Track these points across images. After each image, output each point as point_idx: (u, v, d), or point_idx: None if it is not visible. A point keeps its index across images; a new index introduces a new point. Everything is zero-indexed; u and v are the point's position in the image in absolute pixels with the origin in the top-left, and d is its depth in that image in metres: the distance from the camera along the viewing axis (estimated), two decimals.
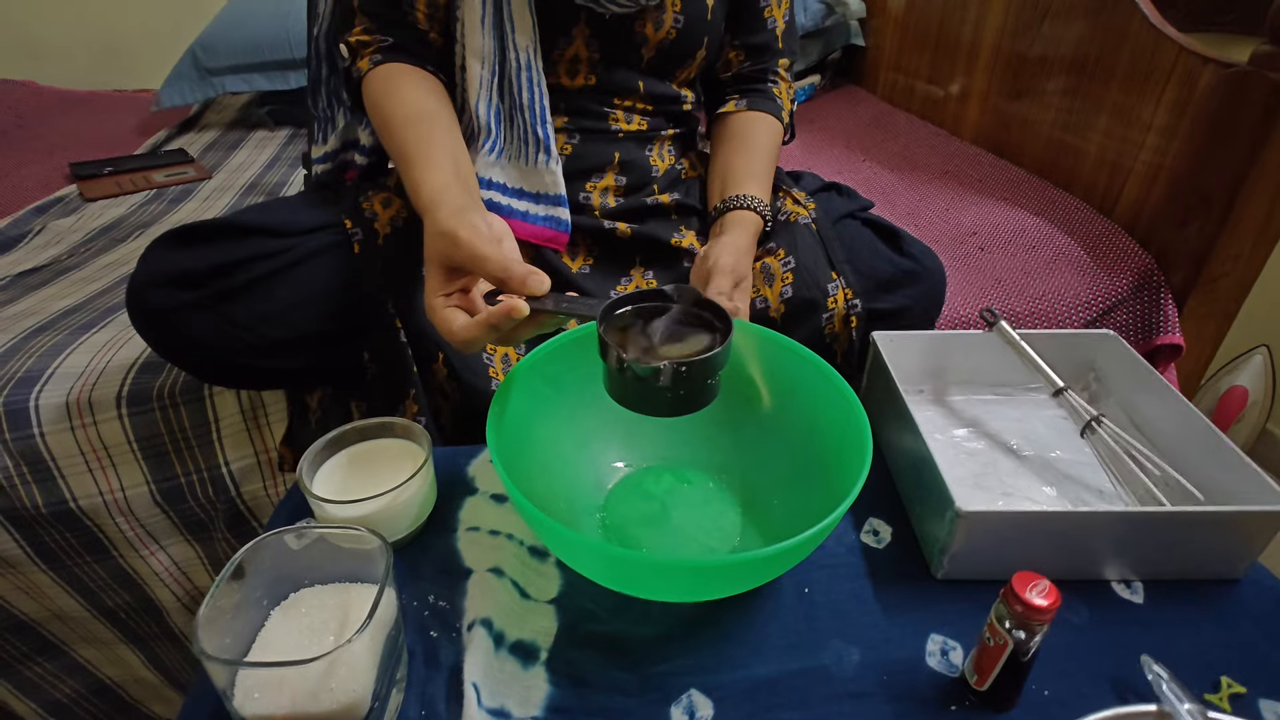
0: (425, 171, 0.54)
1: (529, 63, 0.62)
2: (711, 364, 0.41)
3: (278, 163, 1.33)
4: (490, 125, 0.64)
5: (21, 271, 0.90)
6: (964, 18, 1.22)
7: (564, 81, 0.67)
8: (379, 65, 0.63)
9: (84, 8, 1.74)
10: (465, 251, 0.46)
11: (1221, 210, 0.72)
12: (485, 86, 0.63)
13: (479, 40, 0.61)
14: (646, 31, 0.65)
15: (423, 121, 0.59)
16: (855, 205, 0.74)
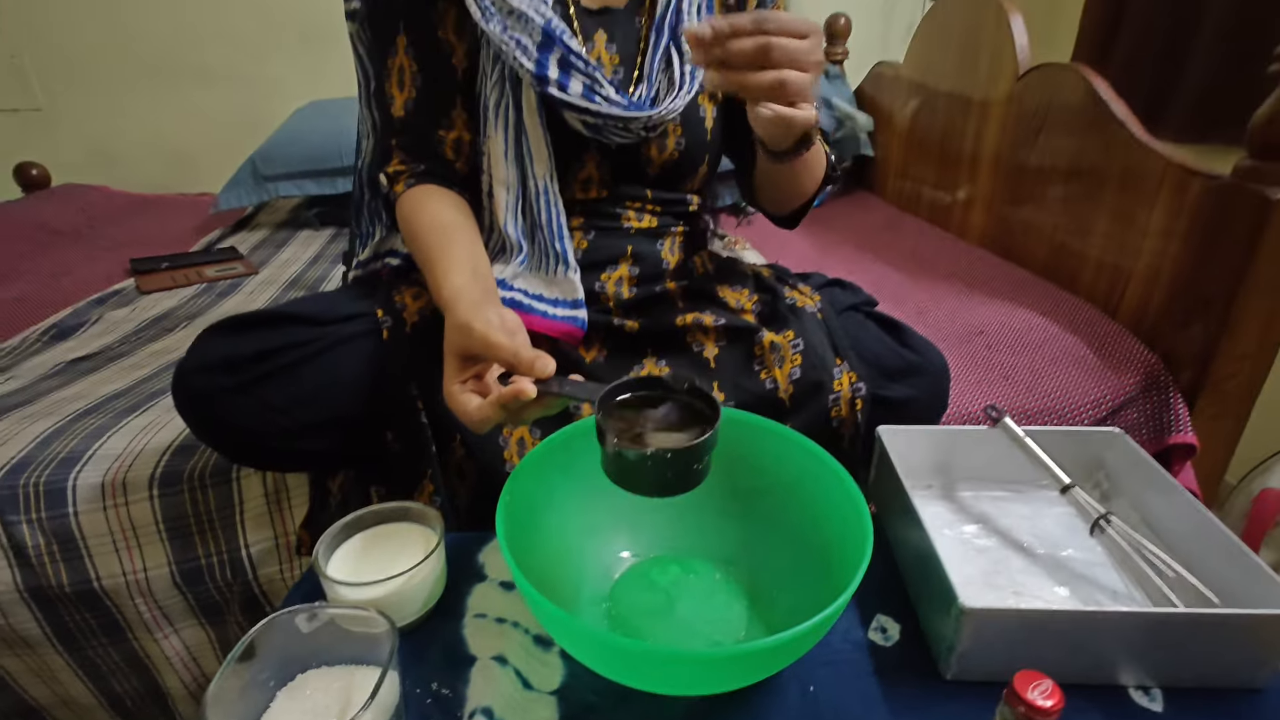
0: (446, 273, 0.59)
1: (546, 188, 0.68)
2: (697, 450, 0.44)
3: (320, 259, 1.42)
4: (519, 242, 0.70)
5: (75, 358, 0.96)
6: (965, 131, 1.30)
7: (579, 195, 0.73)
8: (412, 188, 0.70)
9: (158, 122, 1.92)
10: (479, 340, 0.50)
11: (1221, 313, 0.74)
12: (510, 210, 0.69)
13: (503, 171, 0.68)
14: (651, 154, 0.71)
15: (445, 230, 0.65)
16: (859, 299, 0.77)
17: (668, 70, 0.71)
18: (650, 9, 0.71)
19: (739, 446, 0.56)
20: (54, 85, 1.85)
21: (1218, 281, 0.74)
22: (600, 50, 0.70)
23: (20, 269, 1.33)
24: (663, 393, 0.50)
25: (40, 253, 1.42)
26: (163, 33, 1.82)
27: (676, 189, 0.76)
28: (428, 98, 0.70)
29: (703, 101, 0.73)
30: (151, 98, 1.89)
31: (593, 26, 0.70)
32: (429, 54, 0.69)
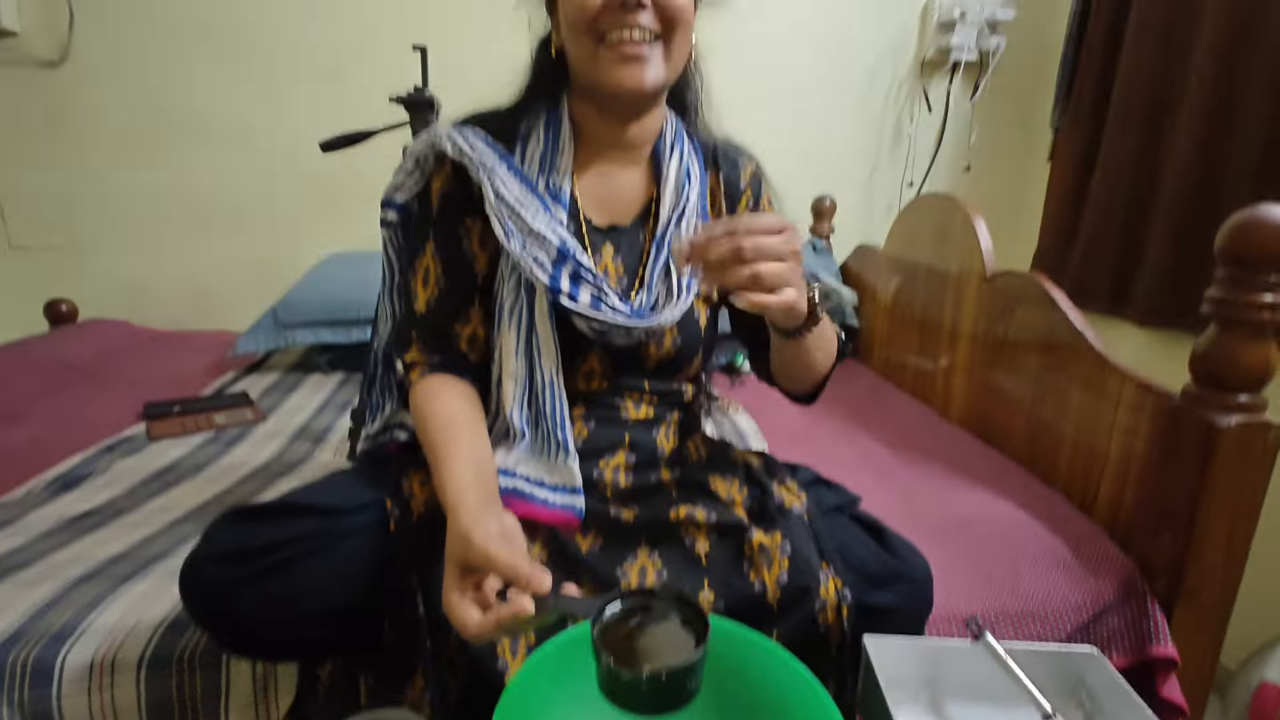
0: (450, 472, 0.64)
1: (552, 381, 0.74)
2: (689, 670, 0.46)
3: (327, 407, 1.47)
4: (522, 429, 0.75)
5: (78, 514, 0.98)
6: (943, 305, 1.40)
7: (581, 386, 0.78)
8: (426, 377, 0.76)
9: (187, 262, 2.04)
10: (478, 554, 0.54)
11: (1186, 527, 0.78)
12: (517, 400, 0.75)
13: (513, 365, 0.74)
14: (650, 352, 0.78)
15: (453, 427, 0.70)
16: (843, 499, 0.81)
17: (666, 280, 0.80)
18: (652, 226, 0.80)
19: (728, 660, 0.58)
20: (93, 224, 1.98)
21: (1179, 497, 0.79)
22: (607, 261, 0.79)
23: (36, 409, 1.37)
24: (655, 606, 0.53)
25: (57, 391, 1.47)
26: (202, 182, 1.98)
27: (672, 380, 0.82)
28: (448, 297, 0.77)
29: (697, 304, 0.81)
30: (183, 239, 2.02)
31: (601, 241, 0.79)
32: (454, 260, 0.77)
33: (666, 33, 0.69)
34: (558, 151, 0.77)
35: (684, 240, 0.59)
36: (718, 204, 0.84)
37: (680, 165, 0.80)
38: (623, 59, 0.68)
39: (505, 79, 0.82)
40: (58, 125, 1.91)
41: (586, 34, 0.69)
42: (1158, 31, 1.55)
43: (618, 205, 0.80)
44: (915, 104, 2.07)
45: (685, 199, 0.79)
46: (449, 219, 0.77)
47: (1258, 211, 0.70)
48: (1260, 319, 0.72)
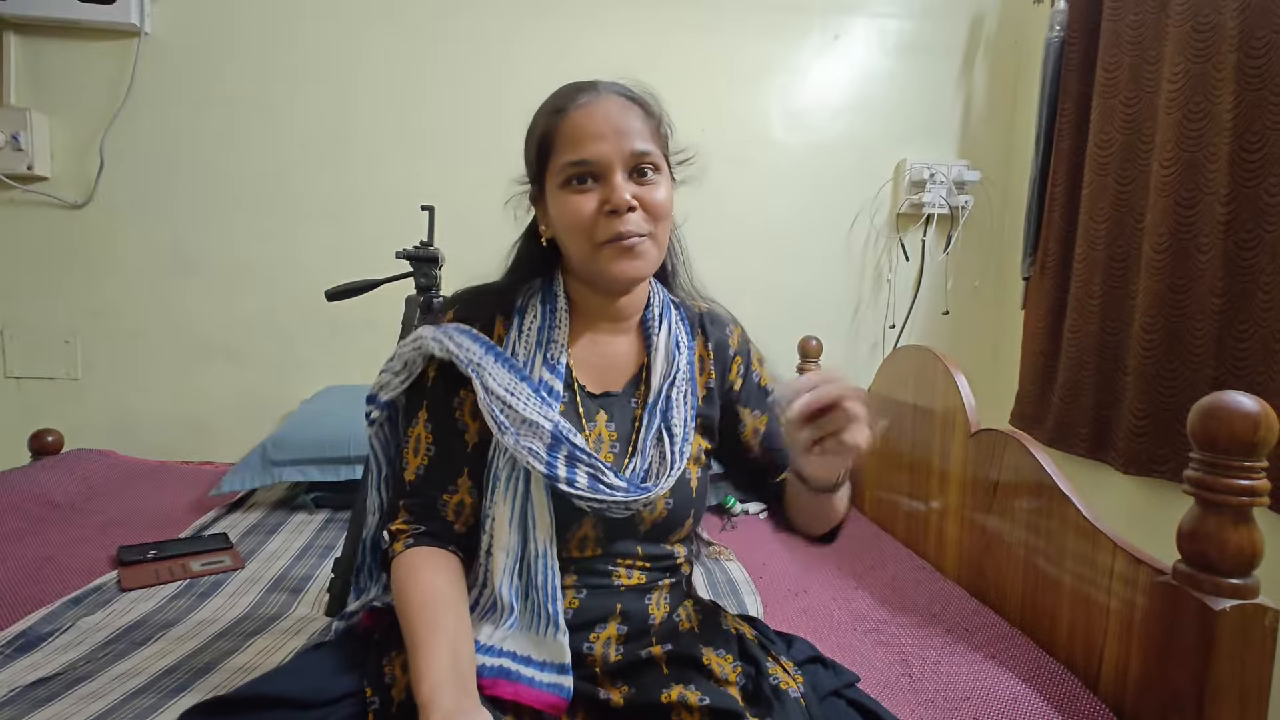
0: (427, 663, 0.63)
1: (545, 551, 0.74)
2: None
3: (309, 551, 1.43)
4: (511, 603, 0.73)
5: (33, 681, 0.92)
6: (931, 447, 1.41)
7: (574, 554, 0.78)
8: (410, 548, 0.75)
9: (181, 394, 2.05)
10: None
11: (1194, 711, 0.75)
12: (507, 572, 0.74)
13: (505, 536, 0.74)
14: (643, 516, 0.78)
15: (432, 607, 0.69)
16: (840, 682, 0.78)
17: (659, 446, 0.81)
18: (643, 395, 0.83)
19: None
20: (93, 357, 2.01)
21: (1183, 680, 0.77)
22: (601, 428, 0.81)
23: (5, 552, 1.32)
24: None
25: (30, 531, 1.43)
26: (206, 316, 2.04)
27: (664, 542, 0.82)
28: (438, 466, 0.79)
29: (689, 466, 0.82)
30: (181, 371, 2.04)
31: (595, 408, 0.81)
32: (446, 430, 0.79)
33: (654, 225, 0.76)
34: (555, 325, 0.81)
35: (795, 408, 0.63)
36: (706, 369, 0.88)
37: (669, 335, 0.85)
38: (620, 253, 0.74)
39: (505, 227, 0.88)
40: (74, 263, 1.99)
41: (583, 237, 0.75)
42: (1112, 191, 1.68)
43: (610, 373, 0.84)
44: (893, 253, 2.20)
45: (675, 367, 0.83)
46: (442, 392, 0.80)
47: (1224, 399, 0.74)
48: (1240, 501, 0.74)
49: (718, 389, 0.88)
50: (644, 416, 0.81)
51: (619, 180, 0.73)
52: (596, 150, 0.73)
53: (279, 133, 2.02)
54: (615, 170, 0.73)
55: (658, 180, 0.76)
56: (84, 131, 1.95)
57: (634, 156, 0.74)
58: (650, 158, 0.75)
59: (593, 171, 0.74)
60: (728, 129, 2.10)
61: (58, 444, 1.86)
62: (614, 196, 0.72)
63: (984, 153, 2.16)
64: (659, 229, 0.77)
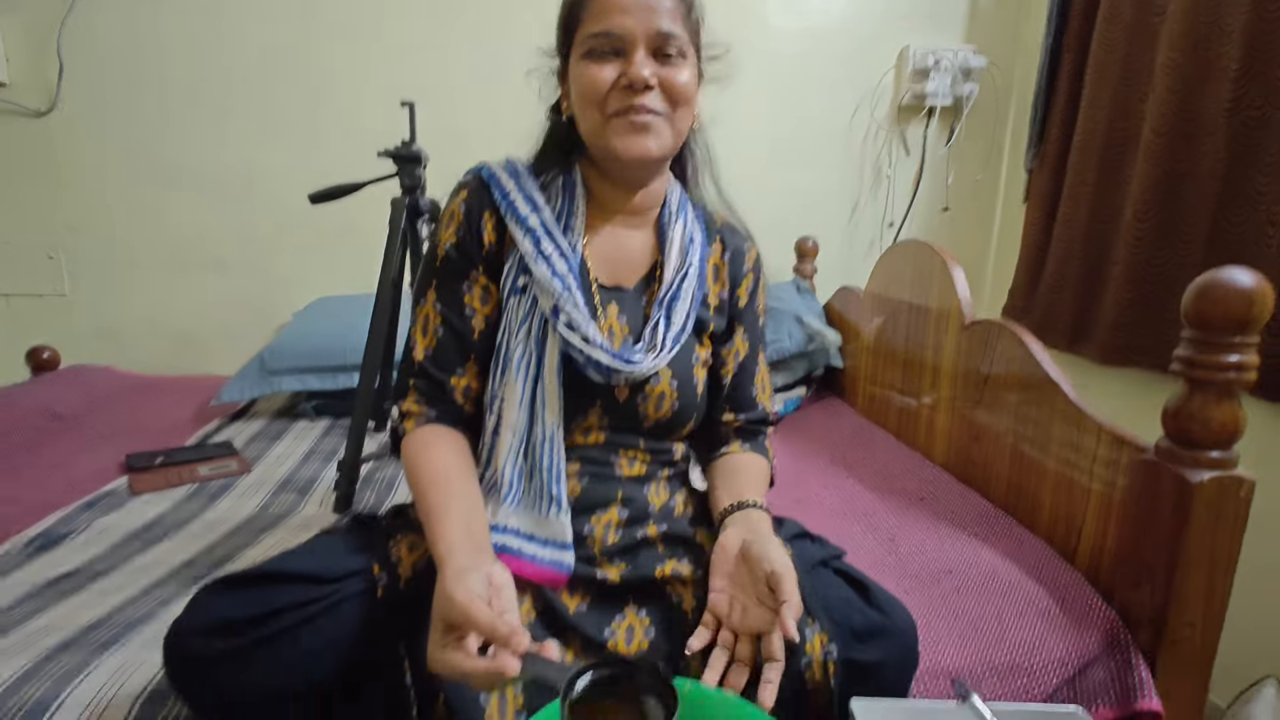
0: (442, 528, 0.65)
1: (552, 435, 0.76)
2: None
3: (313, 456, 1.46)
4: (512, 481, 0.76)
5: (56, 577, 0.96)
6: (925, 344, 1.42)
7: (578, 440, 0.80)
8: (421, 427, 0.77)
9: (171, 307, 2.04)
10: (459, 611, 0.55)
11: (1165, 580, 0.79)
12: (512, 451, 0.76)
13: (514, 416, 0.75)
14: (648, 412, 0.80)
15: (446, 482, 0.71)
16: (828, 553, 0.82)
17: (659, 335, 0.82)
18: (655, 292, 0.82)
19: None
20: (80, 272, 1.98)
21: (1156, 550, 0.80)
22: (612, 321, 0.81)
23: (17, 461, 1.35)
24: (626, 676, 0.53)
25: (39, 441, 1.46)
26: (191, 227, 1.99)
27: (666, 439, 0.84)
28: (446, 349, 0.79)
29: (697, 371, 0.83)
30: (168, 285, 2.01)
31: (606, 300, 0.81)
32: (454, 313, 0.80)
33: (671, 109, 0.75)
34: (572, 213, 0.80)
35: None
36: (721, 278, 0.88)
37: (684, 232, 0.84)
38: (631, 128, 0.73)
39: (489, 130, 0.84)
40: (46, 174, 1.92)
41: (595, 108, 0.73)
42: (1116, 73, 1.61)
43: (623, 267, 0.83)
44: (893, 148, 2.13)
45: (689, 263, 0.82)
46: (452, 274, 0.80)
47: (1220, 275, 0.73)
48: (1227, 379, 0.74)
49: (728, 300, 0.88)
50: (655, 312, 0.81)
51: (640, 57, 0.71)
52: (621, 23, 0.71)
53: (245, 30, 1.90)
54: (638, 46, 0.72)
55: (681, 65, 0.74)
56: (37, 32, 1.84)
57: (659, 36, 0.72)
58: (676, 41, 0.73)
59: (615, 45, 0.72)
60: (717, 12, 1.98)
61: (55, 360, 1.86)
62: (631, 71, 0.71)
63: (992, 36, 2.05)
64: (677, 115, 0.75)
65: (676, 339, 0.80)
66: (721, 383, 0.89)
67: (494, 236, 0.80)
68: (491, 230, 0.80)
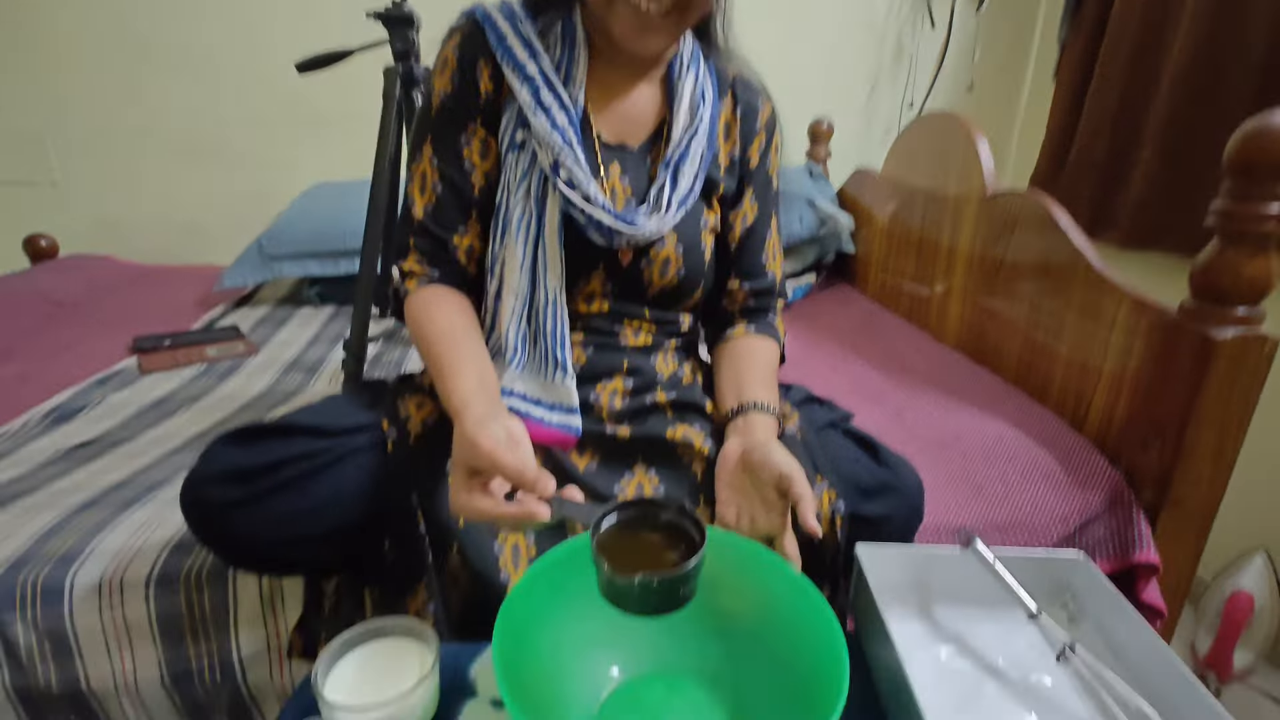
0: (455, 381, 0.64)
1: (555, 299, 0.74)
2: (684, 576, 0.47)
3: (319, 339, 1.46)
4: (517, 346, 0.74)
5: (76, 445, 0.98)
6: (941, 228, 1.38)
7: (581, 308, 0.78)
8: (424, 287, 0.75)
9: (169, 196, 1.99)
10: (485, 458, 0.55)
11: (1175, 439, 0.79)
12: (515, 315, 0.74)
13: (516, 279, 0.73)
14: (652, 278, 0.77)
15: (455, 338, 0.70)
16: (836, 415, 0.82)
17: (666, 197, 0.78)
18: (661, 151, 0.78)
19: (725, 570, 0.59)
20: (70, 159, 1.92)
21: (1169, 410, 0.79)
22: (615, 181, 0.77)
23: (24, 345, 1.35)
24: (654, 514, 0.54)
25: (44, 327, 1.45)
26: (182, 112, 1.91)
27: (672, 309, 0.82)
28: (446, 206, 0.76)
29: (704, 237, 0.80)
30: (164, 172, 1.96)
31: (610, 159, 0.77)
32: (452, 168, 0.75)
33: (680, 9, 0.67)
34: (573, 61, 0.74)
35: None
36: (732, 136, 0.82)
37: (695, 87, 0.78)
38: (634, 17, 0.66)
39: None
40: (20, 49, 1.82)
41: None
42: None
43: (627, 124, 0.78)
44: (918, 19, 1.99)
45: (699, 120, 0.77)
46: (448, 124, 0.75)
47: (1271, 119, 0.68)
48: (1264, 230, 0.71)
49: (739, 160, 0.83)
50: (660, 174, 0.76)
51: None
52: None
53: None
54: None
55: None
56: None
57: None
58: None
59: None
60: None
61: (53, 249, 1.84)
62: None
63: None
64: (689, 14, 0.68)
65: (683, 202, 0.77)
66: (729, 249, 0.85)
67: (491, 85, 0.75)
68: (488, 79, 0.74)
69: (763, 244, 0.85)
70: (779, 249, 0.88)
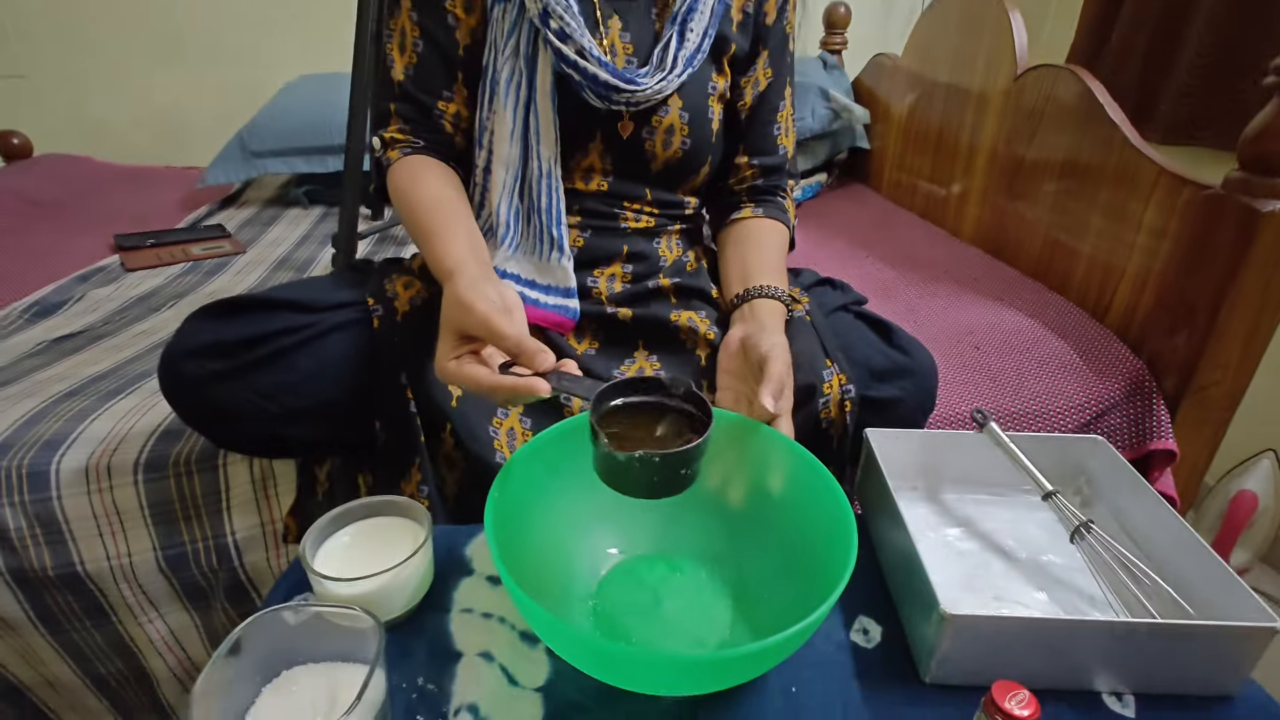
0: (445, 245, 0.59)
1: (549, 171, 0.68)
2: (686, 456, 0.44)
3: (308, 240, 1.40)
4: (509, 223, 0.69)
5: (58, 337, 0.95)
6: (962, 123, 1.29)
7: (579, 186, 0.72)
8: (407, 155, 0.69)
9: (147, 93, 1.88)
10: (480, 323, 0.50)
11: (1206, 322, 0.75)
12: (507, 190, 0.69)
13: (506, 149, 0.67)
14: (655, 150, 0.71)
15: (443, 205, 0.65)
16: (848, 299, 0.77)
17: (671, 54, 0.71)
18: (664, 6, 0.70)
19: (729, 448, 0.57)
20: (40, 53, 1.81)
21: (1204, 290, 0.75)
22: (614, 37, 0.70)
23: (1, 243, 1.30)
24: (659, 394, 0.50)
25: (21, 227, 1.40)
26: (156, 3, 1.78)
27: (676, 189, 0.76)
28: (429, 66, 0.69)
29: (712, 103, 0.73)
30: (142, 68, 1.85)
31: (608, 10, 0.69)
32: (435, 23, 0.69)
33: None
34: None
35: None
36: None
37: None
38: None
39: None
40: None
41: None
42: None
43: None
44: None
45: None
46: None
47: None
48: None
49: (753, 16, 0.74)
50: (666, 29, 0.69)
51: None
52: None
53: None
54: None
55: None
56: None
57: None
58: None
59: None
60: None
61: (26, 147, 1.75)
62: None
63: None
64: None
65: (690, 60, 0.69)
66: (739, 120, 0.78)
67: None
68: None
69: (774, 115, 0.79)
70: (792, 123, 0.81)
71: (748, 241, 0.77)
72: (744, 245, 0.77)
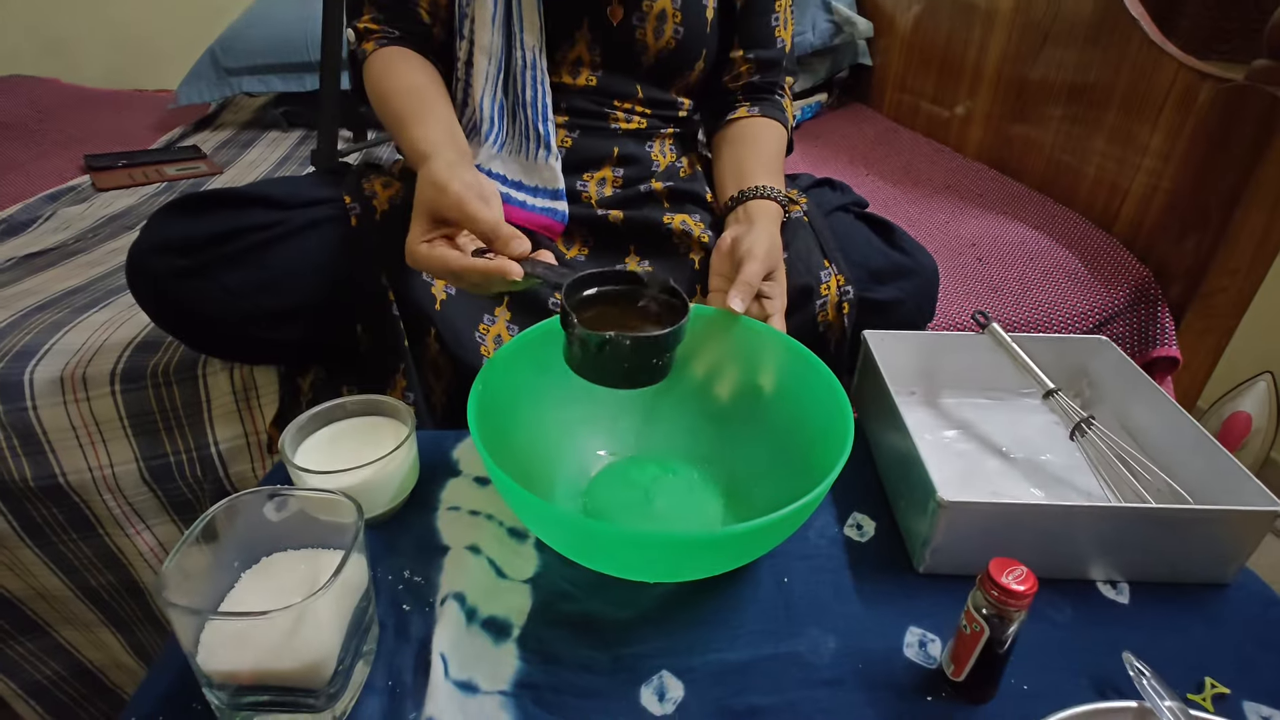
0: (422, 129, 0.57)
1: (534, 62, 0.64)
2: (659, 343, 0.43)
3: (288, 161, 1.35)
4: (493, 118, 0.66)
5: (28, 254, 0.91)
6: (969, 40, 1.23)
7: (566, 80, 0.68)
8: (384, 47, 0.65)
9: (114, 9, 1.78)
10: (454, 205, 0.48)
11: (1219, 224, 0.72)
12: (490, 82, 0.65)
13: (487, 37, 0.63)
14: (647, 40, 0.67)
15: (418, 91, 0.62)
16: (848, 199, 0.74)
17: None
18: None
19: (721, 345, 0.55)
20: None
21: (1218, 191, 0.72)
22: None
23: None
24: (635, 287, 0.48)
25: None
26: None
27: (669, 87, 0.72)
28: None
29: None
30: None
31: None
32: None
33: None
34: None
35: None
36: None
37: None
38: None
39: None
40: None
41: None
42: None
43: None
44: None
45: None
46: None
47: None
48: None
49: None
50: None
51: None
52: None
53: None
54: None
55: None
56: None
57: None
58: None
59: None
60: None
61: None
62: None
63: None
64: None
65: None
66: (733, 9, 0.72)
67: None
68: None
69: (772, 3, 0.74)
70: (790, 14, 0.76)
71: (743, 142, 0.73)
72: (739, 146, 0.73)
